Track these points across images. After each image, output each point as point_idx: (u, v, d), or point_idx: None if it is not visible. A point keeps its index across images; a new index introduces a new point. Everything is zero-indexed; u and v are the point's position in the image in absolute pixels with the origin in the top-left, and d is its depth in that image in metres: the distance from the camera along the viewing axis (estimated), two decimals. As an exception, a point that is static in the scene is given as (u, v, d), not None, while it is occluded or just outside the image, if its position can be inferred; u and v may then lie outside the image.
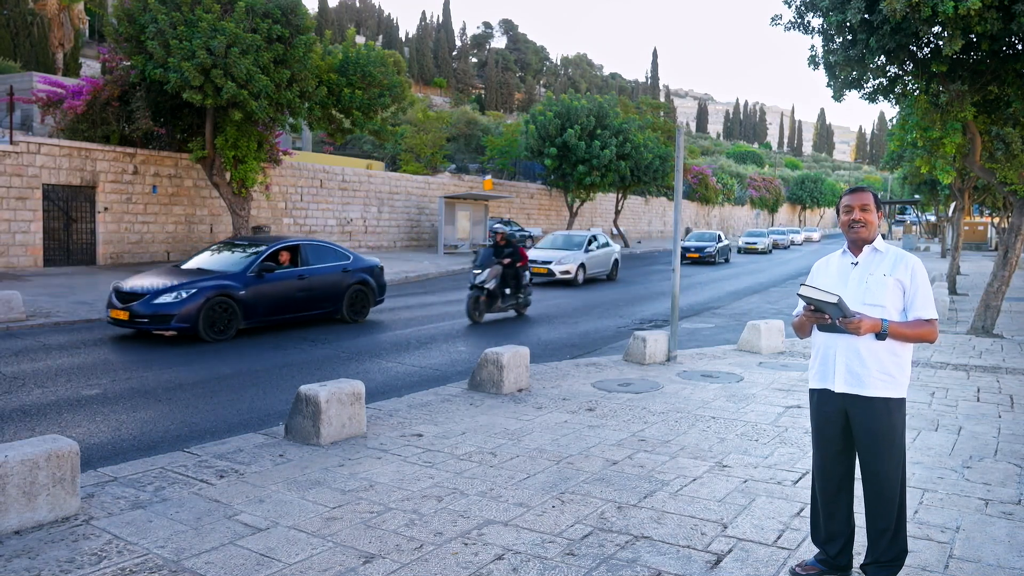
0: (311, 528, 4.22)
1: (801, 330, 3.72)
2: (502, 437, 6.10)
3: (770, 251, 43.34)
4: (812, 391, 3.73)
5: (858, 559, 3.78)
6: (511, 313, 14.67)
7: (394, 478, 5.07)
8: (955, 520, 4.47)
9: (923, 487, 5.02)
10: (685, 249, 30.34)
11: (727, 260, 33.81)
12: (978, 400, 7.72)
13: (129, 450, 5.97)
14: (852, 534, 3.72)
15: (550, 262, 20.62)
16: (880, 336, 3.41)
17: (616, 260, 23.37)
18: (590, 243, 22.12)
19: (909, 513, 4.48)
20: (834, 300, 3.35)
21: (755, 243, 42.40)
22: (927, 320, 3.47)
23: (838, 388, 3.57)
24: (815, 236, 65.95)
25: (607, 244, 23.19)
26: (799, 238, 59.72)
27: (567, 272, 20.63)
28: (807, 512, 4.51)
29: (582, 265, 21.04)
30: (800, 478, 5.18)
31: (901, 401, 3.52)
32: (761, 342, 10.48)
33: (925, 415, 6.99)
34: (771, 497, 4.81)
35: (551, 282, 20.92)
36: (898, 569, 3.57)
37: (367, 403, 6.66)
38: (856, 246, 3.63)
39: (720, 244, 33.20)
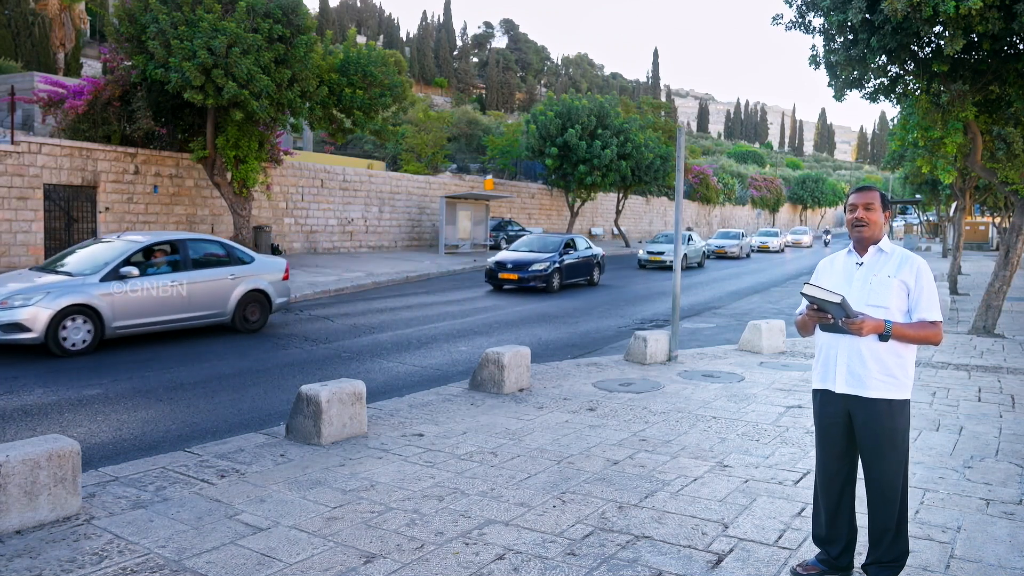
0: (312, 528, 4.22)
1: (804, 329, 3.71)
2: (503, 437, 6.10)
3: (698, 265, 29.18)
4: (815, 391, 3.73)
5: (859, 559, 3.78)
6: (505, 310, 14.68)
7: (395, 478, 5.07)
8: (956, 520, 4.47)
9: (924, 487, 5.02)
10: (500, 264, 18.65)
11: (592, 282, 20.86)
12: (979, 400, 7.71)
13: (130, 450, 5.98)
14: (854, 535, 3.72)
15: None
16: (883, 337, 3.40)
17: (259, 293, 11.72)
18: (124, 265, 10.19)
19: (910, 513, 4.48)
20: (838, 300, 3.34)
21: (660, 254, 27.21)
22: (931, 322, 3.44)
23: (839, 389, 3.56)
24: (805, 239, 51.20)
25: (219, 262, 11.47)
26: (777, 242, 44.16)
27: (22, 328, 9.18)
28: (808, 512, 4.51)
29: (74, 312, 9.53)
30: (801, 478, 5.18)
31: (904, 402, 3.50)
32: (762, 342, 10.47)
33: (926, 415, 6.98)
34: (772, 497, 4.81)
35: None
36: (899, 569, 3.57)
37: (368, 403, 6.66)
38: (861, 246, 3.61)
39: (576, 256, 20.01)
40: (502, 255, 19.34)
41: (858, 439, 3.56)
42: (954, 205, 25.73)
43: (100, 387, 8.03)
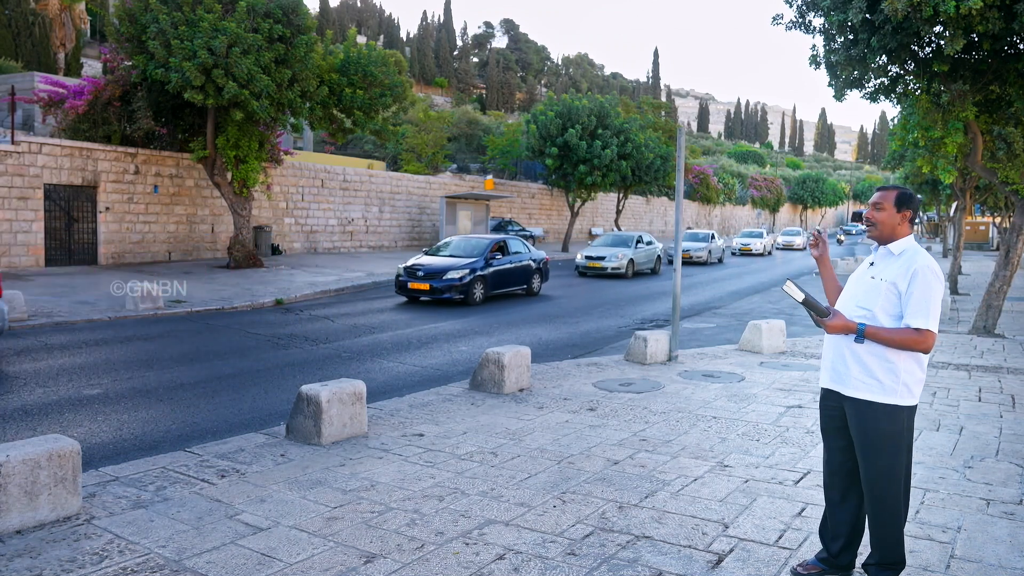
0: (312, 528, 4.22)
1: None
2: (503, 437, 6.10)
3: (651, 272, 25.36)
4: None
5: (862, 560, 3.77)
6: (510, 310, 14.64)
7: (395, 478, 5.07)
8: (957, 520, 4.47)
9: (925, 487, 5.02)
10: (410, 271, 15.76)
11: (531, 291, 17.80)
12: (980, 400, 7.71)
13: (131, 450, 5.97)
14: (856, 533, 3.69)
15: None
16: (857, 339, 3.42)
17: None
18: None
19: (911, 513, 4.48)
20: (800, 298, 3.48)
21: (600, 259, 23.37)
22: (915, 328, 3.33)
23: (822, 382, 3.66)
24: (798, 241, 45.61)
25: None
26: (762, 244, 38.13)
27: None
28: (808, 512, 4.51)
29: None
30: (801, 478, 5.17)
31: (892, 408, 3.40)
32: (762, 342, 10.47)
33: (927, 415, 6.98)
34: (772, 497, 4.80)
35: None
36: (899, 571, 3.55)
37: (368, 403, 6.66)
38: (878, 245, 3.63)
39: (507, 262, 16.97)
40: (415, 260, 16.47)
41: (851, 436, 3.57)
42: (954, 205, 25.73)
43: (100, 387, 8.03)
